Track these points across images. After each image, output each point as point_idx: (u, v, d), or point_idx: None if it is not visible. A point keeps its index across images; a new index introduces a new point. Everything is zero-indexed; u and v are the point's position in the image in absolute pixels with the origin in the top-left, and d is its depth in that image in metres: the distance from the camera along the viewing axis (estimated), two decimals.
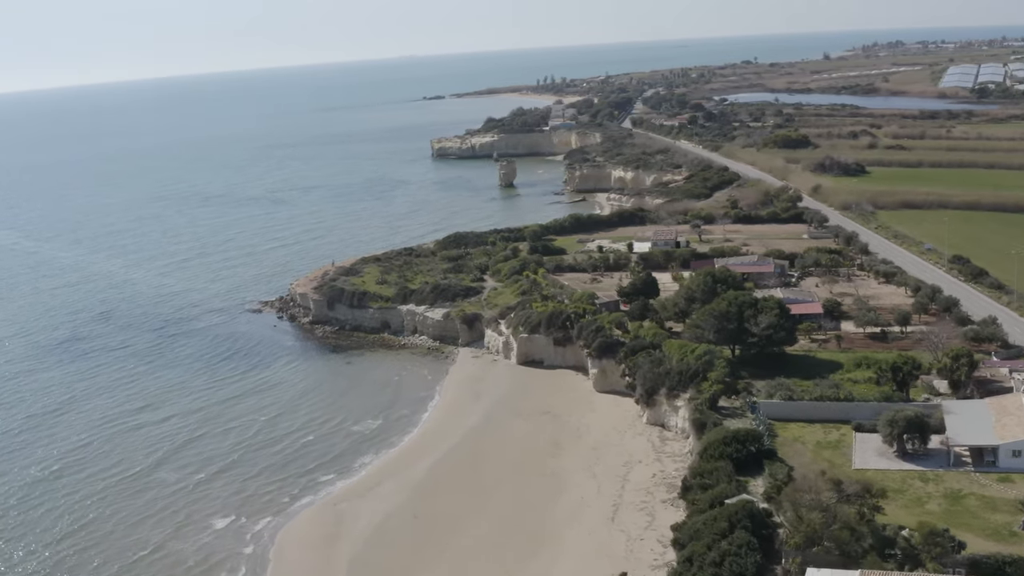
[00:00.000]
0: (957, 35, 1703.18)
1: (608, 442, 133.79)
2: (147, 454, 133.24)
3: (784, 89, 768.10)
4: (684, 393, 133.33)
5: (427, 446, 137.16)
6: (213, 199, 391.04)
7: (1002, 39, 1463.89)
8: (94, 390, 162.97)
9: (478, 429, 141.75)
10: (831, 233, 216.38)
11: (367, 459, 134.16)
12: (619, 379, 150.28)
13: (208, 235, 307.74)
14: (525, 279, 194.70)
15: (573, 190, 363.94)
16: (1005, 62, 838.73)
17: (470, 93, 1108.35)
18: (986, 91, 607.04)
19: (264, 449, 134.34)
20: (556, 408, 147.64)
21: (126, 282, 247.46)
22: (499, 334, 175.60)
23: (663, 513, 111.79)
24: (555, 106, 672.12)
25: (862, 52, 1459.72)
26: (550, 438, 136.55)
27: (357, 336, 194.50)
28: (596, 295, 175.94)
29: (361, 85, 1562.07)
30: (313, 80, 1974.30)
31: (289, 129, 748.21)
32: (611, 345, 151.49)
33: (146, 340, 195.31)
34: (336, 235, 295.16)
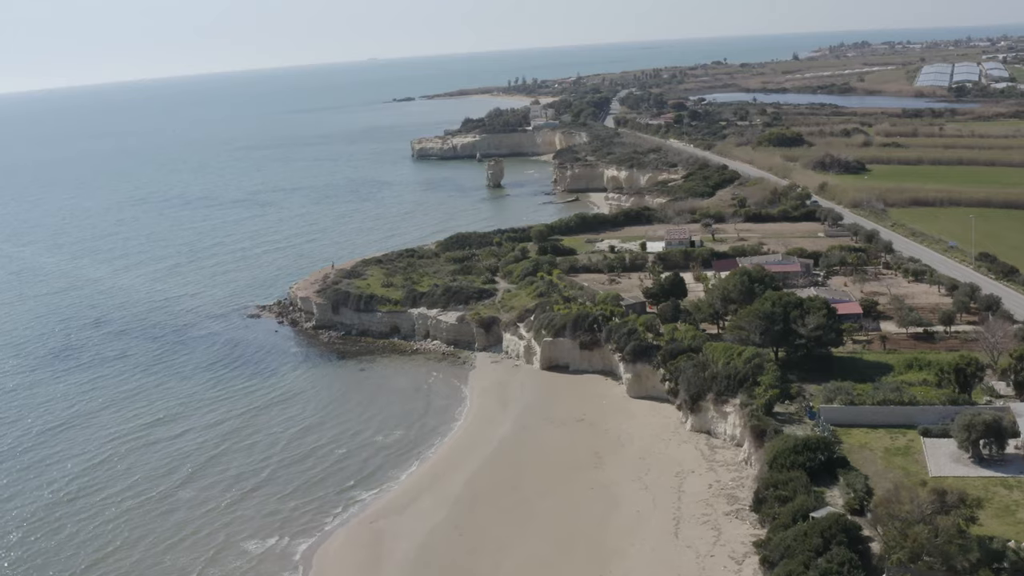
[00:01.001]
0: (922, 36, 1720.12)
1: (653, 451, 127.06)
2: (168, 472, 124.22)
3: (759, 89, 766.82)
4: (733, 399, 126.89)
5: (460, 457, 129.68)
6: (194, 202, 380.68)
7: (967, 39, 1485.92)
8: (98, 403, 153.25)
9: (511, 438, 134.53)
10: (848, 231, 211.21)
11: (398, 472, 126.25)
12: (655, 384, 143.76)
13: (196, 238, 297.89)
14: (540, 280, 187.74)
15: (564, 190, 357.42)
16: (979, 61, 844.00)
17: (440, 95, 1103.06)
18: (964, 90, 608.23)
19: (293, 465, 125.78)
20: (590, 415, 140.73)
21: (116, 288, 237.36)
22: (519, 338, 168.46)
23: (729, 527, 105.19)
24: (533, 106, 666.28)
25: (830, 53, 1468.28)
26: (590, 447, 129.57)
27: (365, 341, 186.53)
28: (621, 296, 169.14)
29: (326, 88, 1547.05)
30: (277, 83, 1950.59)
31: (262, 131, 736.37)
32: (646, 348, 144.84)
33: (144, 349, 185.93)
34: (330, 237, 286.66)
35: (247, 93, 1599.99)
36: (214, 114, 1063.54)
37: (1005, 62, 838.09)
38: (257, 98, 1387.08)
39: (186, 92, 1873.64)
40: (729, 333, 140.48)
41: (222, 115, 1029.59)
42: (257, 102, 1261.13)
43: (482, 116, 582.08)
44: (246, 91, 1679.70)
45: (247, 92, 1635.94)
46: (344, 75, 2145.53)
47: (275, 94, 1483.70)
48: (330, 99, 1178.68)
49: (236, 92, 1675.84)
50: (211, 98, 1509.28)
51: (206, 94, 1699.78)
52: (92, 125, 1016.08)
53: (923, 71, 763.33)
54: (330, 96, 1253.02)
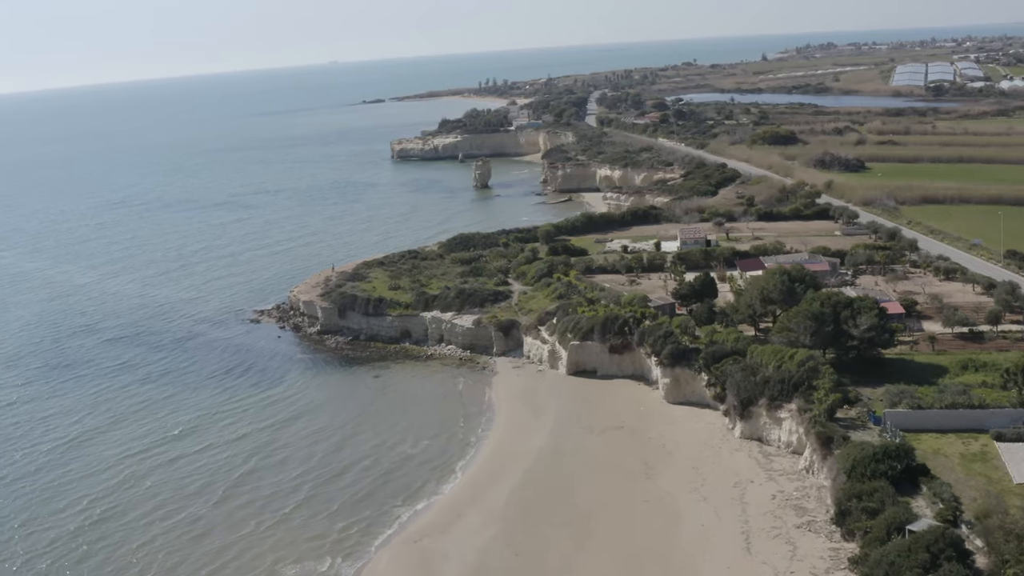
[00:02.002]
0: (887, 37, 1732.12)
1: (704, 459, 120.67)
2: (197, 492, 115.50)
3: (734, 89, 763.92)
4: (788, 404, 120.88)
5: (499, 469, 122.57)
6: (174, 204, 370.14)
7: (932, 40, 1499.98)
8: (106, 418, 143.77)
9: (550, 448, 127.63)
10: (867, 230, 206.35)
11: (436, 486, 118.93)
12: (695, 389, 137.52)
13: (183, 242, 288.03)
14: (557, 282, 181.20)
15: (555, 190, 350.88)
16: (951, 61, 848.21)
17: (410, 96, 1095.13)
18: (941, 89, 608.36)
19: (331, 482, 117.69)
20: (630, 422, 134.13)
21: (106, 294, 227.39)
22: (543, 342, 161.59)
23: (803, 541, 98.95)
24: (511, 107, 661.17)
25: (797, 54, 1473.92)
26: (637, 456, 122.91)
27: (375, 347, 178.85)
28: (648, 297, 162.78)
29: (289, 90, 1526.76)
30: (235, 87, 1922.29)
31: (232, 134, 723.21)
32: (685, 352, 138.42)
33: (143, 357, 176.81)
34: (323, 240, 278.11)
35: (205, 97, 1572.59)
36: (176, 117, 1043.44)
37: (978, 62, 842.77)
38: (218, 102, 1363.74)
39: (138, 97, 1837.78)
40: (776, 335, 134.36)
41: (185, 118, 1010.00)
42: (219, 105, 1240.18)
43: (459, 117, 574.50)
44: (203, 95, 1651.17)
45: (205, 96, 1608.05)
46: (305, 78, 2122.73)
47: (237, 97, 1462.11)
48: (296, 101, 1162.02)
49: (192, 96, 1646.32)
50: (167, 103, 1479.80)
51: (161, 99, 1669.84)
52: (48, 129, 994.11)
53: (897, 71, 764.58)
54: (295, 99, 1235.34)
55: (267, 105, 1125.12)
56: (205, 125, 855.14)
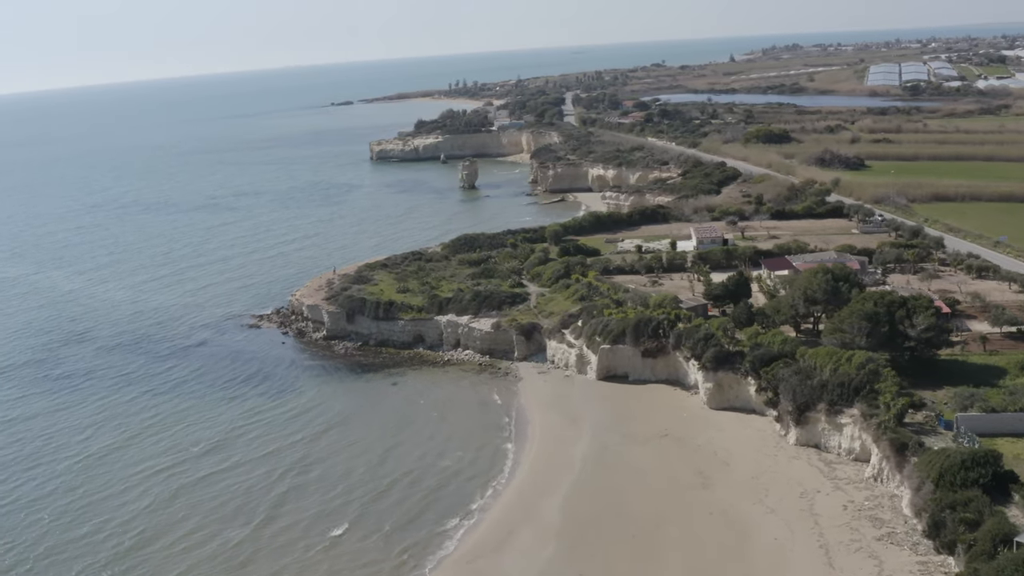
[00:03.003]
0: (852, 39, 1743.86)
1: (763, 468, 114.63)
2: (235, 513, 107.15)
3: (708, 90, 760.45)
4: (849, 409, 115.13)
5: (544, 482, 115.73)
6: (154, 207, 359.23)
7: (897, 41, 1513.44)
8: (118, 433, 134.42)
9: (594, 458, 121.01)
10: (887, 227, 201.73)
11: (481, 501, 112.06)
12: (739, 393, 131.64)
13: (169, 245, 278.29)
14: (576, 283, 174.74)
15: (546, 190, 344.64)
16: (924, 61, 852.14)
17: (380, 98, 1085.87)
18: (918, 88, 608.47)
19: (379, 500, 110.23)
20: (674, 430, 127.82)
21: (96, 300, 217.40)
22: (569, 346, 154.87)
23: (887, 554, 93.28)
24: (487, 107, 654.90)
25: (763, 55, 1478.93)
26: (690, 466, 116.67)
27: (387, 352, 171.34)
28: (678, 298, 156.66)
29: (254, 93, 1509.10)
30: (199, 91, 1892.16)
31: (205, 136, 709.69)
32: (729, 355, 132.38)
33: (146, 367, 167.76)
34: (315, 242, 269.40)
35: (166, 100, 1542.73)
36: (140, 120, 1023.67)
37: (951, 61, 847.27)
38: (180, 105, 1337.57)
39: (69, 104, 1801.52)
40: (828, 336, 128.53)
41: (149, 121, 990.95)
42: (181, 109, 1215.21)
43: (435, 118, 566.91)
44: (163, 99, 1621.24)
45: (165, 100, 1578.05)
46: (265, 81, 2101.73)
47: (199, 100, 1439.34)
48: (262, 104, 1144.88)
49: (153, 100, 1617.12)
50: (129, 105, 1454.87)
51: (124, 102, 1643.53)
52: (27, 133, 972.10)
53: (871, 71, 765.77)
54: (260, 102, 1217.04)
55: (229, 109, 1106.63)
56: (176, 128, 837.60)
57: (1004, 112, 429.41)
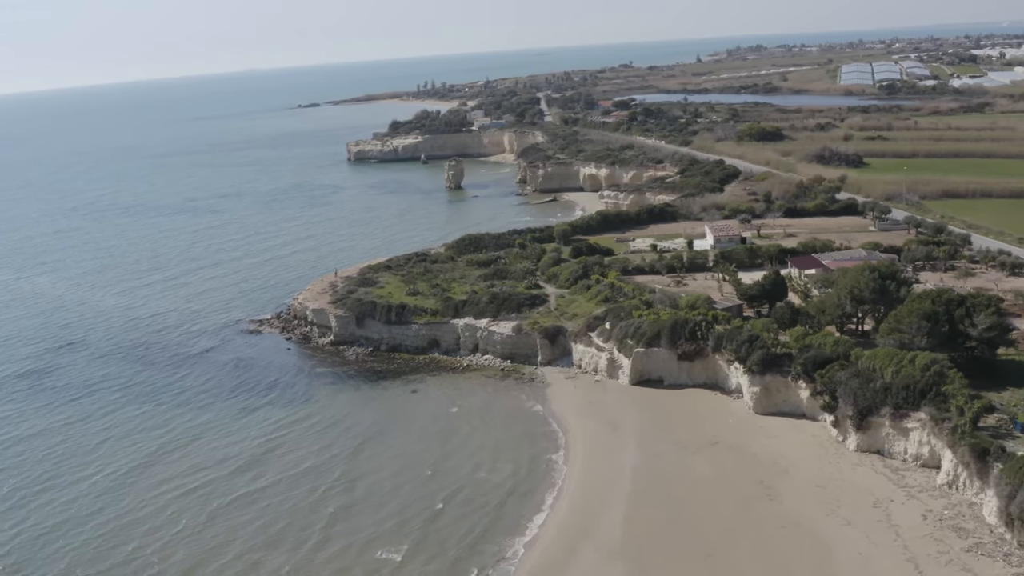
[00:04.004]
0: (816, 40, 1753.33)
1: (827, 477, 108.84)
2: (279, 537, 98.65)
3: (680, 90, 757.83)
4: (916, 413, 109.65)
5: (598, 495, 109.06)
6: (133, 210, 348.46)
7: (860, 42, 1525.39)
8: (134, 452, 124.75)
9: (647, 469, 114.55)
10: (906, 225, 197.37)
11: (534, 517, 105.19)
12: (789, 398, 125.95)
13: (155, 249, 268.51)
14: (597, 283, 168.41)
15: (536, 190, 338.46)
16: (896, 60, 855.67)
17: (347, 100, 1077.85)
18: (894, 87, 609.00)
19: (436, 520, 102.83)
20: (724, 437, 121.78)
21: (85, 306, 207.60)
22: (598, 349, 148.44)
23: (980, 566, 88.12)
24: (461, 107, 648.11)
25: (728, 56, 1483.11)
26: (749, 475, 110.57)
27: (401, 358, 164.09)
28: (711, 299, 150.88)
29: (211, 96, 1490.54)
30: (152, 95, 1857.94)
31: (171, 139, 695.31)
32: (778, 358, 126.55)
33: (149, 377, 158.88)
34: (308, 244, 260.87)
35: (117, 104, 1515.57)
36: (103, 123, 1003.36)
37: (922, 61, 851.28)
38: (136, 108, 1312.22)
39: (41, 106, 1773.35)
40: (884, 337, 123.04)
41: (106, 124, 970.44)
42: (139, 112, 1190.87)
43: (410, 118, 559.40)
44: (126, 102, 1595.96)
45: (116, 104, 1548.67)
46: (227, 84, 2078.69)
47: (156, 104, 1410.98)
48: (223, 107, 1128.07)
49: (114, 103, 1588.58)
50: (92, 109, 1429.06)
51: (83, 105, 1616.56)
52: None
53: (843, 70, 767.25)
54: (221, 104, 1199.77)
55: (190, 112, 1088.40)
56: (143, 131, 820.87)
57: (989, 110, 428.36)
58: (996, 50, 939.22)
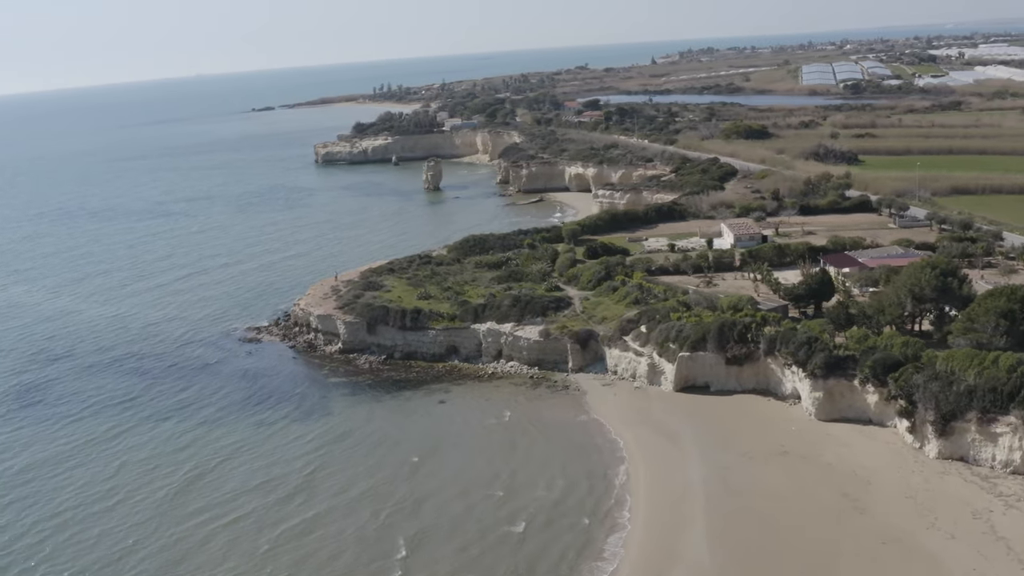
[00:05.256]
0: (766, 42, 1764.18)
1: (914, 487, 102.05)
2: (354, 569, 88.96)
3: (641, 91, 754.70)
4: (1005, 417, 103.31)
5: (673, 513, 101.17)
6: (103, 214, 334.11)
7: (810, 44, 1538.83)
8: (158, 477, 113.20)
9: (718, 482, 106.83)
10: (927, 221, 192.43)
11: (610, 538, 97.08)
12: (854, 402, 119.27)
13: (134, 253, 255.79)
14: (622, 285, 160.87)
15: (520, 190, 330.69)
16: (856, 60, 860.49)
17: (302, 104, 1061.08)
18: (859, 87, 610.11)
19: (519, 549, 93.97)
20: (791, 446, 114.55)
21: (69, 315, 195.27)
22: (636, 354, 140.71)
23: None
24: (424, 109, 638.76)
25: (680, 58, 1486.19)
26: (830, 487, 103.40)
27: (418, 366, 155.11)
28: (755, 299, 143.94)
29: (164, 100, 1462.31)
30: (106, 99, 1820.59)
31: (128, 143, 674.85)
32: (841, 361, 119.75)
33: (149, 391, 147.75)
34: (296, 249, 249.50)
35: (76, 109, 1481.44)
36: (52, 129, 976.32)
37: (882, 61, 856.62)
38: (94, 113, 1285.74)
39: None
40: (959, 336, 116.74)
41: (61, 130, 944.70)
42: (97, 117, 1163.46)
43: (373, 120, 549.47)
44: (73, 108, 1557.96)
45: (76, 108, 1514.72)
46: (176, 89, 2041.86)
47: (113, 108, 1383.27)
48: (174, 112, 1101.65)
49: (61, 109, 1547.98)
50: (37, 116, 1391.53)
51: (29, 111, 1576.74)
52: None
53: (804, 70, 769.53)
54: (171, 109, 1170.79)
55: (147, 115, 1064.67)
56: (99, 136, 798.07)
57: (966, 107, 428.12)
58: (954, 50, 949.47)
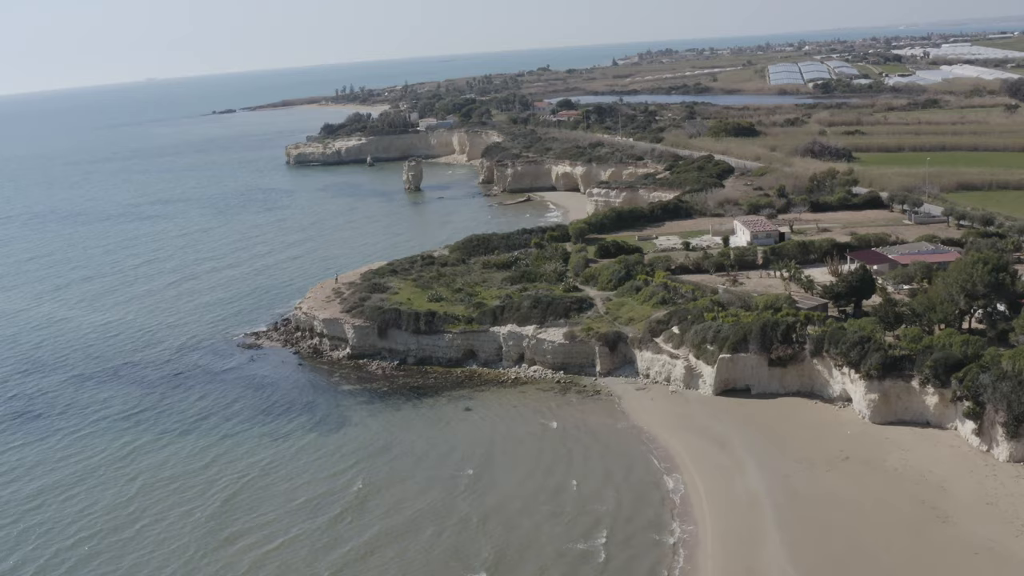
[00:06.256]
0: (724, 44, 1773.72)
1: (991, 492, 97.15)
2: None
3: (608, 91, 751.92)
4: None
5: (739, 525, 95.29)
6: (74, 218, 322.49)
7: (768, 45, 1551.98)
8: (189, 499, 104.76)
9: (782, 492, 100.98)
10: (945, 217, 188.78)
11: (679, 554, 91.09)
12: (910, 404, 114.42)
13: (113, 258, 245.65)
14: (645, 284, 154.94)
15: (505, 190, 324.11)
16: (822, 60, 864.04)
17: (264, 106, 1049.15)
18: (828, 86, 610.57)
19: (604, 570, 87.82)
20: (851, 451, 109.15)
21: (53, 322, 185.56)
22: (670, 356, 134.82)
23: None
24: (393, 110, 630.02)
25: (640, 59, 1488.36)
26: (905, 495, 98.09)
27: (435, 371, 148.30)
28: (793, 298, 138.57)
29: (119, 104, 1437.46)
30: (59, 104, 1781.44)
31: (93, 146, 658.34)
32: (897, 361, 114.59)
33: (154, 402, 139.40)
34: (288, 253, 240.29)
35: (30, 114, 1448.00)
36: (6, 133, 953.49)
37: (847, 60, 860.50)
38: (49, 117, 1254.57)
39: None
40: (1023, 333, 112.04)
41: (16, 134, 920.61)
42: (53, 121, 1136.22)
43: (342, 122, 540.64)
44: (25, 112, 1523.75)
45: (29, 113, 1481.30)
46: (130, 93, 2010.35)
47: (68, 112, 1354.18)
48: (136, 115, 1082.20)
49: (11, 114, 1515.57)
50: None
51: None
52: None
53: (772, 70, 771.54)
54: (133, 112, 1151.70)
55: (105, 119, 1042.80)
56: (58, 139, 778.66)
57: (945, 105, 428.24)
58: (918, 50, 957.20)
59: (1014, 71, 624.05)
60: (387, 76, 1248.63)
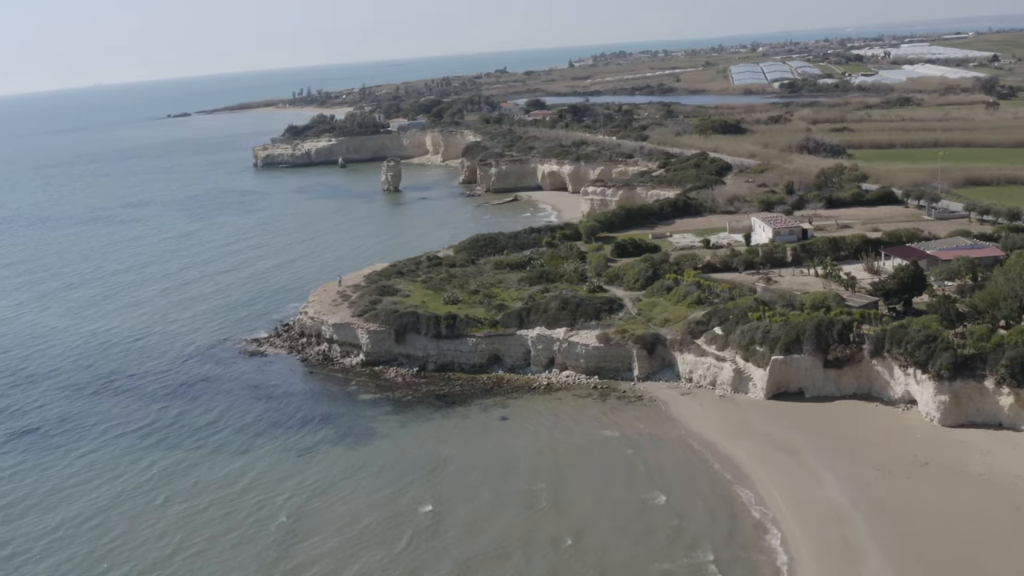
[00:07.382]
0: (677, 46, 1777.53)
1: None
2: None
3: (570, 92, 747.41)
4: None
5: (831, 539, 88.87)
6: (44, 222, 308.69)
7: (721, 47, 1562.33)
8: (237, 528, 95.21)
9: (868, 502, 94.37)
10: (965, 213, 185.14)
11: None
12: (982, 406, 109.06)
13: (95, 263, 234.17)
14: (675, 283, 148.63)
15: (489, 189, 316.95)
16: (783, 60, 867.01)
17: (220, 109, 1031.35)
18: (795, 86, 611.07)
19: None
20: (928, 456, 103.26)
21: (38, 331, 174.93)
22: (716, 359, 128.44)
23: None
24: (358, 111, 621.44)
25: (594, 61, 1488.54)
26: (1002, 503, 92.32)
27: (459, 378, 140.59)
28: (841, 296, 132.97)
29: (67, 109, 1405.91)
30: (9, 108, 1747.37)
31: (54, 149, 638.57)
32: (968, 360, 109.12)
33: (164, 416, 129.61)
34: (281, 257, 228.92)
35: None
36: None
37: (809, 61, 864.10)
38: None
39: None
40: None
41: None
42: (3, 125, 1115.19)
43: (307, 123, 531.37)
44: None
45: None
46: (76, 98, 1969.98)
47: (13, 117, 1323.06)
48: (88, 119, 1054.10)
49: None
50: None
51: None
52: None
53: (734, 70, 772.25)
54: (83, 116, 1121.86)
55: (55, 124, 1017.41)
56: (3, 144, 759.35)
57: (920, 104, 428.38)
58: (879, 50, 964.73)
59: (977, 70, 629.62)
60: (341, 79, 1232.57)
